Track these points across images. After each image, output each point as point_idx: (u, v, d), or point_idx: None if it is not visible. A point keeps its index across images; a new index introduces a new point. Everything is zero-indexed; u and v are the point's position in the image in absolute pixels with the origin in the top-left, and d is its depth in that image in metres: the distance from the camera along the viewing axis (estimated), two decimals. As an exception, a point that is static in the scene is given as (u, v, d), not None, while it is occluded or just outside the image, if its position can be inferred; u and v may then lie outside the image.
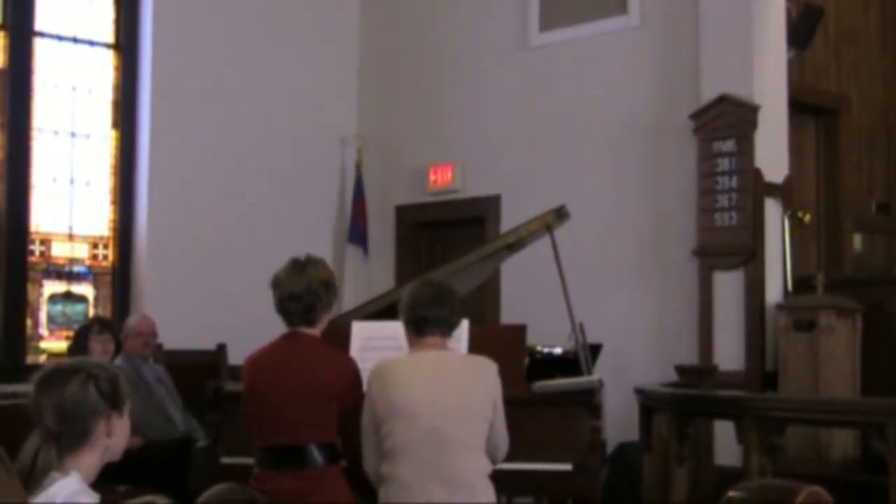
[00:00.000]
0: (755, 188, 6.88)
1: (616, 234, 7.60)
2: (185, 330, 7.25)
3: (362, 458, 3.91)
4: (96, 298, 8.00)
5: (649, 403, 5.55)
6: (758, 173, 6.90)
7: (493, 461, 3.89)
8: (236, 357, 6.31)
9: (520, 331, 4.88)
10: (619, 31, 7.76)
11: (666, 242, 7.38)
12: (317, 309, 4.10)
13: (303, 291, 4.07)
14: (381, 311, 5.15)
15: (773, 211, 7.05)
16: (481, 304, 7.89)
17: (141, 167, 8.06)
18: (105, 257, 8.06)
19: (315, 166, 8.93)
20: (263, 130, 8.58)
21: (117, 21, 8.18)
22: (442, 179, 8.69)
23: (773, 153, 7.07)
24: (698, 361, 6.89)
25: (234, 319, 7.55)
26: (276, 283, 4.15)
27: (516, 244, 5.52)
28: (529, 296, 7.41)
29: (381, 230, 9.02)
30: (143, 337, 6.47)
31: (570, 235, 5.82)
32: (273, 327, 4.24)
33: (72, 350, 6.39)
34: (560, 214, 5.39)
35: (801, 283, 7.08)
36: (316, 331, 4.15)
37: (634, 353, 7.20)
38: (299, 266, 4.14)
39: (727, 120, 6.95)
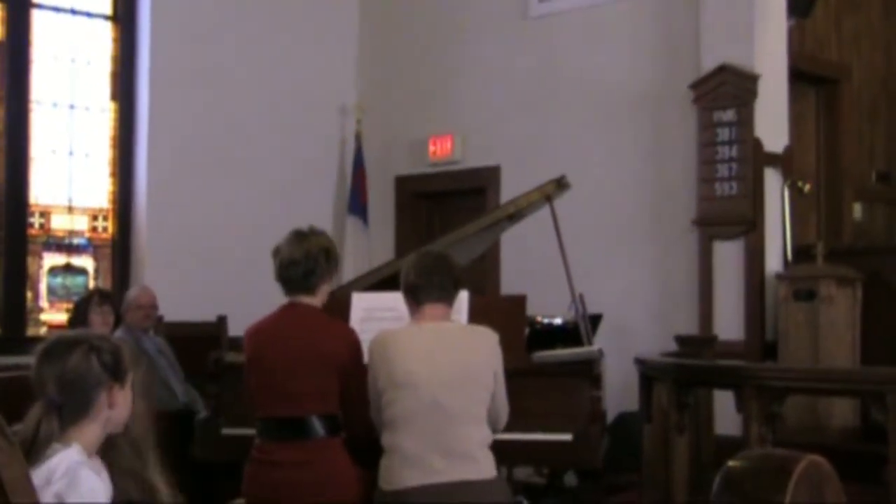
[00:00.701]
0: (755, 158, 6.87)
1: (616, 205, 7.60)
2: (186, 301, 7.25)
3: (373, 428, 3.92)
4: (96, 270, 8.00)
5: (649, 373, 5.55)
6: (758, 143, 6.89)
7: (494, 431, 3.90)
8: (237, 328, 6.30)
9: (520, 301, 4.87)
10: (618, 1, 7.72)
11: (666, 212, 7.37)
12: (316, 275, 4.10)
13: (302, 257, 4.07)
14: (382, 282, 5.14)
15: (773, 180, 7.04)
16: (481, 275, 7.89)
17: (140, 139, 8.03)
18: (105, 229, 8.05)
19: (315, 137, 8.90)
20: (262, 101, 8.54)
21: (115, -8, 8.14)
22: (442, 150, 8.67)
23: (773, 123, 7.06)
24: (698, 331, 6.90)
25: (234, 291, 7.55)
26: (277, 252, 4.16)
27: (516, 215, 5.51)
28: (529, 266, 7.41)
29: (382, 201, 9.00)
30: (144, 309, 6.46)
31: (570, 206, 5.81)
32: (273, 298, 4.24)
33: (72, 322, 6.39)
34: (560, 185, 5.38)
35: (801, 253, 7.08)
36: (316, 300, 4.14)
37: (634, 323, 7.21)
38: (301, 235, 4.16)
39: (727, 89, 6.93)
